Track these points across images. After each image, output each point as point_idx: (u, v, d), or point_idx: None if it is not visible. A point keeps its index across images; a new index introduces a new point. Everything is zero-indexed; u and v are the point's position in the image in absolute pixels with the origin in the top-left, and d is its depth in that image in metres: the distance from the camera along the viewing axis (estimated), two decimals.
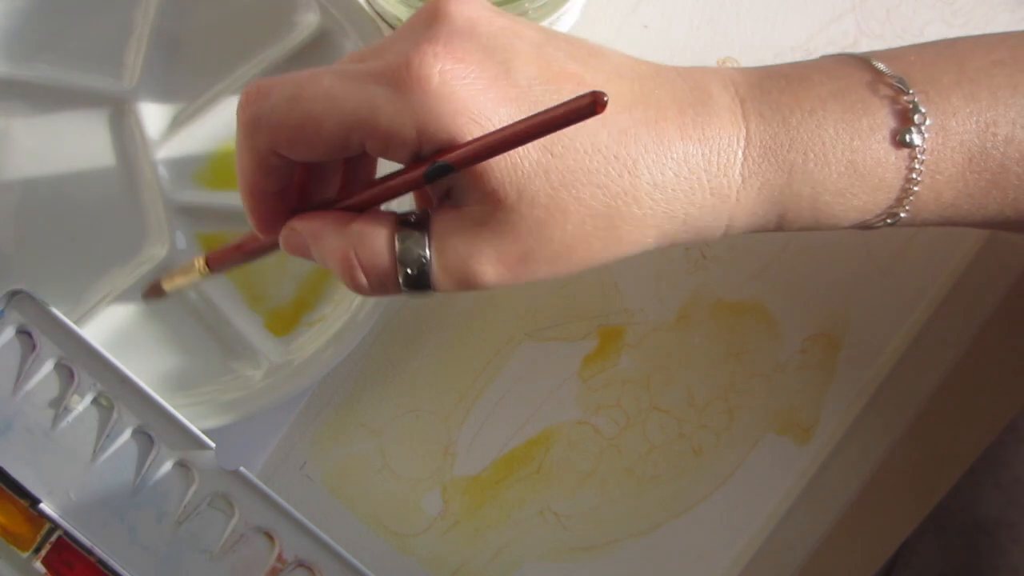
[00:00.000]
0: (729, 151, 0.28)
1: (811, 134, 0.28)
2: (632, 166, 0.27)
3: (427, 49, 0.25)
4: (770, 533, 0.42)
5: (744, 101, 0.29)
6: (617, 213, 0.27)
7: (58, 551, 0.37)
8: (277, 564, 0.37)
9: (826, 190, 0.29)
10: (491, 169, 0.26)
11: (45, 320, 0.38)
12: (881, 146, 0.29)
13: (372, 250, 0.27)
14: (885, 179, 0.29)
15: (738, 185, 0.28)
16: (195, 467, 0.38)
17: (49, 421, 0.38)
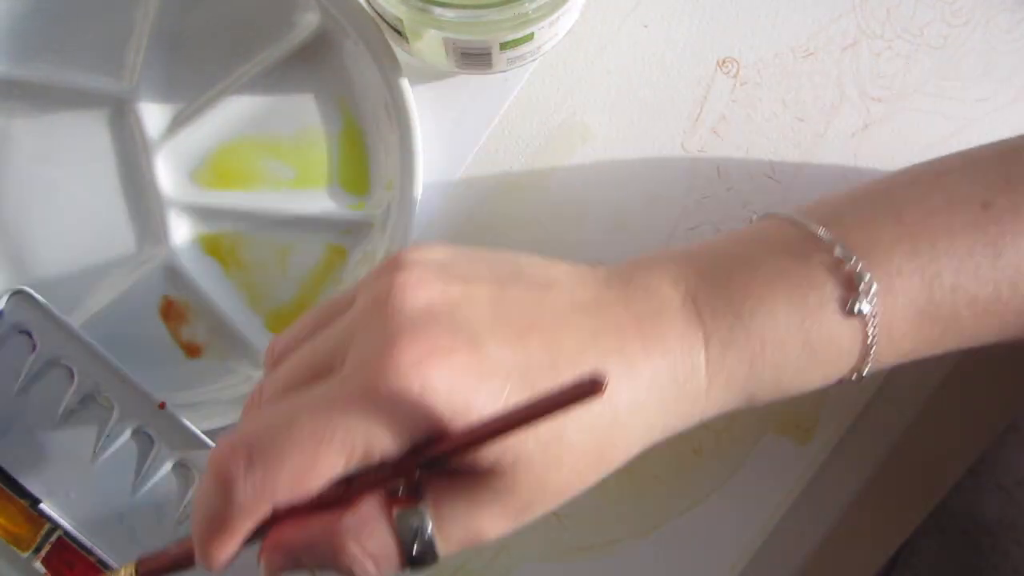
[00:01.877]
0: (692, 356, 0.29)
1: (763, 322, 0.29)
2: (610, 399, 0.27)
3: (396, 358, 0.25)
4: (770, 533, 0.42)
5: (696, 299, 0.29)
6: (604, 445, 0.28)
7: (58, 551, 0.37)
8: None
9: (786, 371, 0.30)
10: (484, 448, 0.26)
11: (45, 320, 0.38)
12: (832, 319, 0.29)
13: (377, 539, 0.27)
14: (842, 347, 0.30)
15: (705, 386, 0.29)
16: (195, 467, 0.38)
17: (49, 421, 0.38)
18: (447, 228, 0.43)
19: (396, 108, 0.40)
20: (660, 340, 0.28)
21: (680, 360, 0.29)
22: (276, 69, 0.41)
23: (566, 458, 0.27)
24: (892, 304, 0.30)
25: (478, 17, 0.35)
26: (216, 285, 0.42)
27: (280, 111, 0.42)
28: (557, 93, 0.43)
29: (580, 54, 0.43)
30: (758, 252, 0.30)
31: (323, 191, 0.42)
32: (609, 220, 0.43)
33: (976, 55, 0.42)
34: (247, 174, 0.42)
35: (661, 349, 0.28)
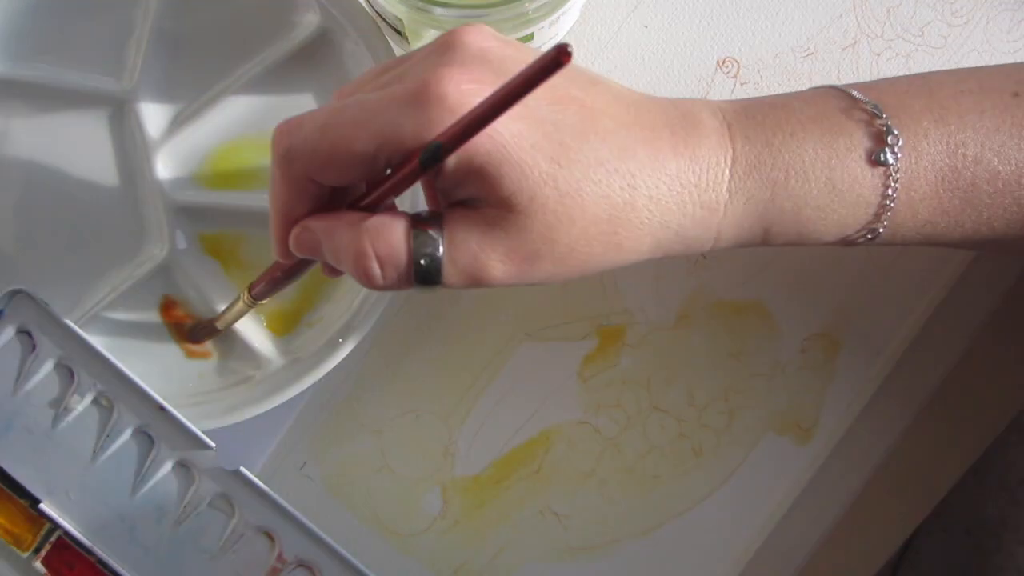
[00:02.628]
0: (717, 169, 0.30)
1: (792, 154, 0.31)
2: (631, 180, 0.29)
3: (444, 72, 0.28)
4: (770, 533, 0.42)
5: (731, 125, 0.31)
6: (618, 221, 0.29)
7: (58, 551, 0.37)
8: (277, 564, 0.37)
9: (807, 205, 0.31)
10: (505, 176, 0.28)
11: (45, 320, 0.38)
12: (857, 165, 0.31)
13: (389, 243, 0.29)
14: (863, 195, 0.31)
15: (725, 200, 0.31)
16: (195, 467, 0.38)
17: (49, 421, 0.38)
18: None
19: None
20: (690, 147, 0.30)
21: (705, 169, 0.30)
22: (276, 69, 0.41)
23: (578, 218, 0.29)
24: (915, 163, 0.31)
25: (478, 17, 0.35)
26: (216, 285, 0.42)
27: (280, 111, 0.42)
28: None
29: (580, 54, 0.43)
30: (795, 101, 0.32)
31: None
32: None
33: (976, 55, 0.42)
34: (247, 174, 0.42)
35: (689, 154, 0.30)
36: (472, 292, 0.43)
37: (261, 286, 0.37)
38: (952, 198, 0.32)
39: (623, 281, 0.43)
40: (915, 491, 0.43)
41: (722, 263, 0.43)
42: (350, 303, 0.41)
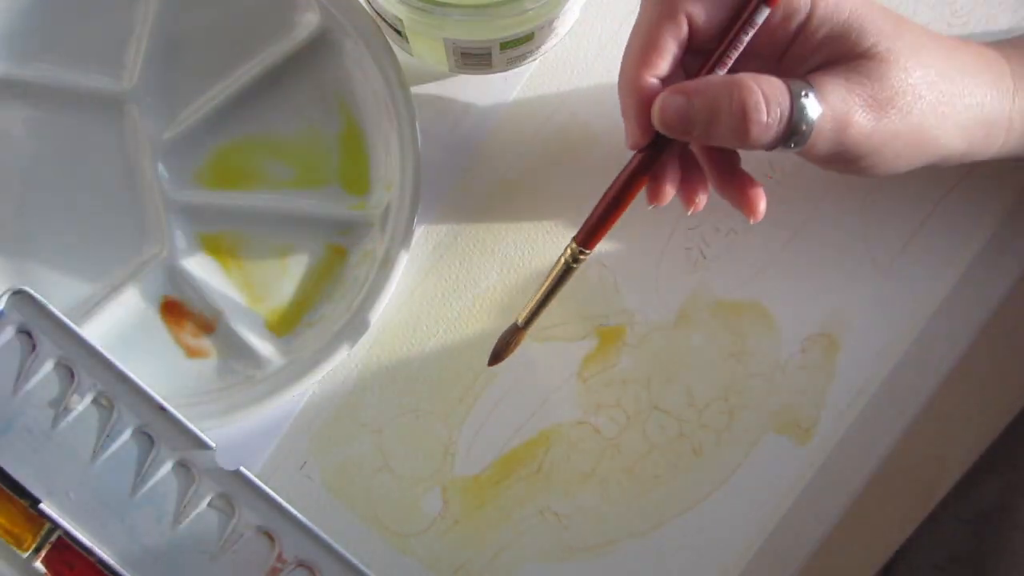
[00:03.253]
0: (999, 63, 0.35)
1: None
2: (948, 54, 0.34)
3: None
4: (770, 533, 0.42)
5: (1009, 59, 0.36)
6: (944, 86, 0.33)
7: (58, 551, 0.37)
8: (277, 564, 0.37)
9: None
10: (867, 30, 0.32)
11: (45, 320, 0.38)
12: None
13: (771, 82, 0.32)
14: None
15: (1012, 87, 0.35)
16: (195, 467, 0.38)
17: (49, 421, 0.38)
18: (447, 228, 0.43)
19: (396, 108, 0.40)
20: (972, 46, 0.36)
21: (991, 60, 0.35)
22: (276, 69, 0.41)
23: (919, 69, 0.33)
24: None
25: (478, 17, 0.35)
26: (216, 285, 0.42)
27: (280, 111, 0.42)
28: (557, 93, 0.43)
29: (580, 54, 0.43)
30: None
31: (323, 191, 0.42)
32: None
33: None
34: (247, 174, 0.42)
35: (976, 50, 0.35)
36: (471, 292, 0.43)
37: (588, 228, 0.35)
38: None
39: (623, 281, 0.43)
40: (915, 491, 0.43)
41: (722, 263, 0.43)
42: (350, 303, 0.41)
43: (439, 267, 0.43)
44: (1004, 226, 0.43)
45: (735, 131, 0.32)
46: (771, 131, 0.32)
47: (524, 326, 0.38)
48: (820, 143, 0.32)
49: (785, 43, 0.33)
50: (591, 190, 0.43)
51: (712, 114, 0.32)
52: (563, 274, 0.36)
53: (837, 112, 0.32)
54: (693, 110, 0.32)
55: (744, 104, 0.31)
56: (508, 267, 0.43)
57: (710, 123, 0.32)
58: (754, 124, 0.31)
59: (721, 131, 0.32)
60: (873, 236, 0.43)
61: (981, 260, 0.42)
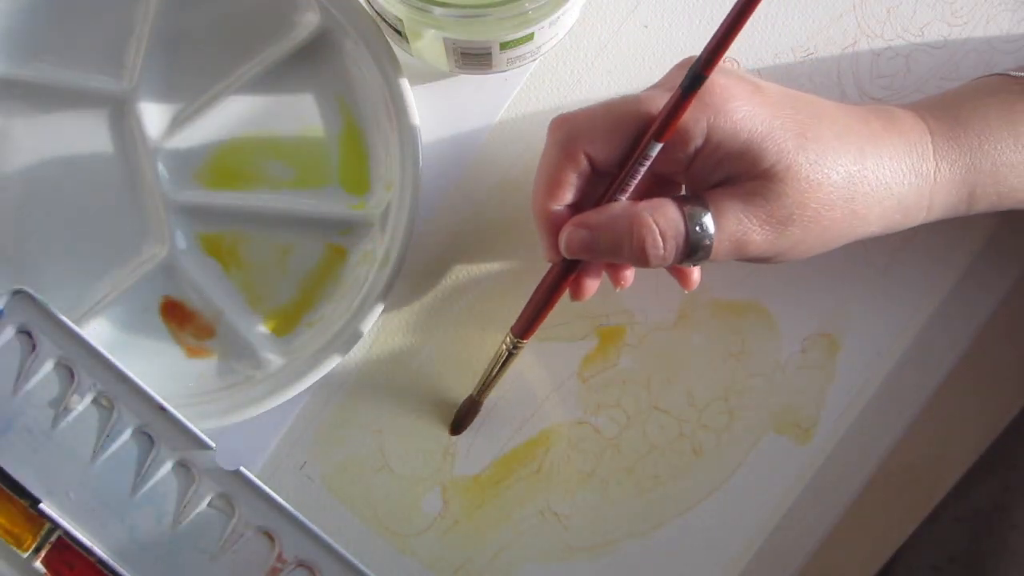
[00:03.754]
0: (922, 142, 0.35)
1: (980, 122, 0.35)
2: (859, 153, 0.34)
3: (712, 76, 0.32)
4: (770, 533, 0.42)
5: (918, 110, 0.36)
6: (852, 187, 0.34)
7: (58, 551, 0.37)
8: (277, 564, 0.37)
9: (1003, 163, 0.35)
10: (766, 150, 0.33)
11: (45, 320, 0.38)
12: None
13: (667, 215, 0.33)
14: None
15: (933, 168, 0.35)
16: (195, 467, 0.38)
17: (49, 421, 0.38)
18: (447, 228, 0.43)
19: (396, 108, 0.40)
20: (895, 128, 0.35)
21: (912, 143, 0.35)
22: (276, 69, 0.41)
23: (824, 183, 0.33)
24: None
25: (478, 17, 0.35)
26: (216, 285, 0.42)
27: (280, 111, 0.42)
28: (557, 93, 0.43)
29: (580, 54, 0.43)
30: (964, 87, 0.38)
31: (323, 191, 0.42)
32: None
33: (976, 55, 0.42)
34: (247, 174, 0.42)
35: (897, 131, 0.35)
36: (471, 292, 0.43)
37: (523, 322, 0.38)
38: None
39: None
40: (915, 491, 0.43)
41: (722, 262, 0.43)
42: (350, 303, 0.41)
43: (439, 267, 0.43)
44: (1004, 226, 0.43)
45: (637, 260, 0.34)
46: (669, 259, 0.34)
47: (479, 397, 0.41)
48: (722, 257, 0.34)
49: (686, 162, 0.34)
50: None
51: (615, 246, 0.34)
52: (505, 360, 0.39)
53: (733, 234, 0.33)
54: (597, 242, 0.34)
55: (642, 240, 0.33)
56: (508, 267, 0.43)
57: (613, 253, 0.34)
58: (653, 257, 0.33)
59: (624, 259, 0.34)
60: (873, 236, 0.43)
61: (981, 260, 0.42)
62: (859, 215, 0.34)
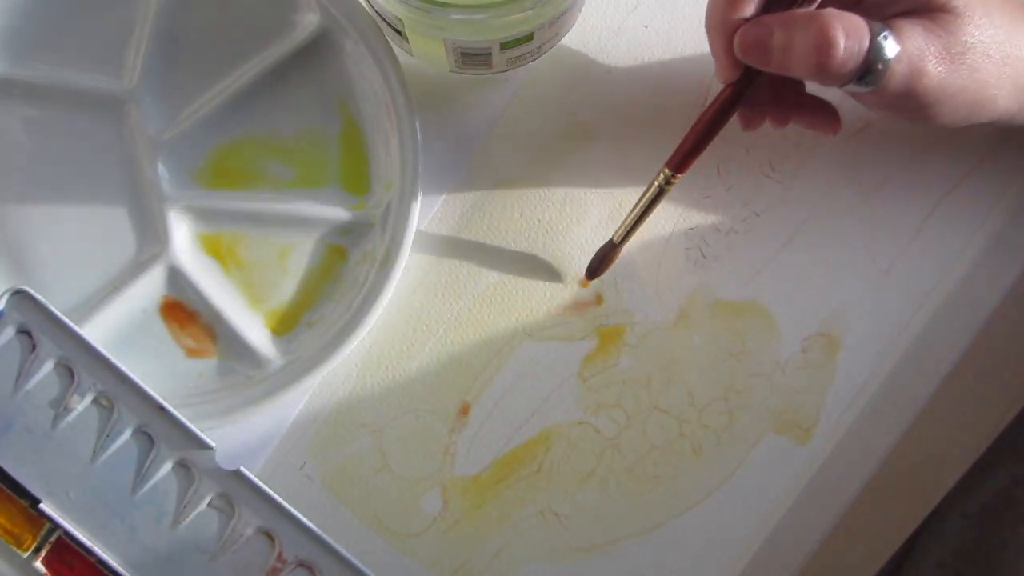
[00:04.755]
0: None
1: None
2: (1016, 21, 0.35)
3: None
4: (770, 533, 0.42)
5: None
6: (1009, 50, 0.34)
7: (58, 551, 0.37)
8: (277, 564, 0.37)
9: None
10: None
11: (45, 320, 0.38)
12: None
13: (851, 19, 0.33)
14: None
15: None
16: (195, 467, 0.38)
17: (49, 421, 0.38)
18: (447, 228, 0.43)
19: (396, 108, 0.40)
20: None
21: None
22: (276, 69, 0.41)
23: (990, 34, 0.34)
24: None
25: (478, 17, 0.35)
26: (216, 285, 0.42)
27: (280, 111, 0.42)
28: (557, 93, 0.43)
29: (580, 54, 0.43)
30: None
31: (323, 191, 0.42)
32: (609, 220, 0.43)
33: None
34: (247, 174, 0.42)
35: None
36: (471, 292, 0.43)
37: (680, 153, 0.37)
38: None
39: (623, 281, 0.43)
40: (915, 491, 0.43)
41: (722, 263, 0.43)
42: (350, 303, 0.41)
43: (439, 267, 0.43)
44: (1004, 226, 0.43)
45: (813, 62, 0.33)
46: (847, 64, 0.33)
47: (619, 243, 0.40)
48: (892, 85, 0.33)
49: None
50: (591, 190, 0.43)
51: (791, 46, 0.33)
52: (655, 197, 0.38)
53: (912, 57, 0.33)
54: (772, 39, 0.33)
55: (823, 34, 0.32)
56: (508, 267, 0.43)
57: (787, 53, 0.33)
58: (831, 59, 0.32)
59: (798, 62, 0.33)
60: (873, 236, 0.43)
61: (981, 260, 0.42)
62: (1009, 78, 0.35)
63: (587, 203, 0.43)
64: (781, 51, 0.33)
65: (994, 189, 0.43)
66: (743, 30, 0.34)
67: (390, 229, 0.41)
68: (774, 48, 0.33)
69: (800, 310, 0.43)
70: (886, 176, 0.43)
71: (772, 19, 0.34)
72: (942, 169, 0.43)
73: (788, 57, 0.33)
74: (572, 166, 0.43)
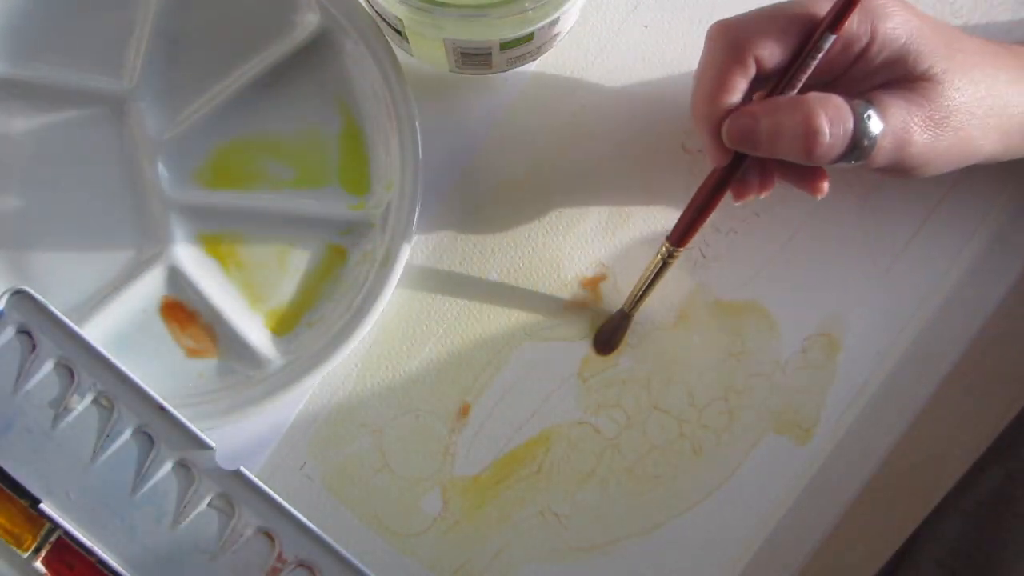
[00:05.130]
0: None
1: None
2: (995, 71, 0.36)
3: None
4: (770, 533, 0.42)
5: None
6: (992, 103, 0.35)
7: (58, 551, 0.37)
8: (277, 564, 0.37)
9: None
10: (923, 53, 0.34)
11: (45, 320, 0.38)
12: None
13: (834, 104, 0.33)
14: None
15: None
16: (195, 467, 0.38)
17: (49, 421, 0.38)
18: (447, 228, 0.43)
19: (396, 108, 0.40)
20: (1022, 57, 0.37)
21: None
22: (276, 69, 0.41)
23: (970, 89, 0.35)
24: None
25: (478, 17, 0.35)
26: (216, 285, 0.42)
27: (280, 111, 0.42)
28: (557, 93, 0.43)
29: (580, 54, 0.43)
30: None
31: (323, 191, 0.42)
32: (609, 220, 0.43)
33: None
34: (247, 174, 0.42)
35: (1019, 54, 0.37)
36: (471, 292, 0.43)
37: (680, 228, 0.39)
38: None
39: (623, 281, 0.43)
40: (915, 491, 0.43)
41: (722, 263, 0.43)
42: (350, 303, 0.41)
43: (439, 267, 0.43)
44: (1004, 226, 0.43)
45: (800, 148, 0.34)
46: (834, 149, 0.34)
47: (630, 312, 0.41)
48: (880, 158, 0.34)
49: (844, 67, 0.35)
50: (591, 190, 0.43)
51: (777, 134, 0.34)
52: (660, 268, 0.40)
53: (897, 130, 0.34)
54: (759, 129, 0.34)
55: (809, 124, 0.33)
56: (508, 267, 0.43)
57: (775, 141, 0.34)
58: (818, 145, 0.33)
59: (786, 148, 0.34)
60: (873, 236, 0.43)
61: (981, 260, 0.42)
62: (994, 127, 0.35)
63: (587, 203, 0.43)
64: (769, 138, 0.34)
65: (994, 189, 0.43)
66: (730, 120, 0.35)
67: (390, 229, 0.41)
68: (762, 136, 0.34)
69: (800, 310, 0.43)
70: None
71: (757, 108, 0.35)
72: None
73: (776, 143, 0.34)
74: (572, 166, 0.43)
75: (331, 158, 0.42)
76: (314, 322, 0.42)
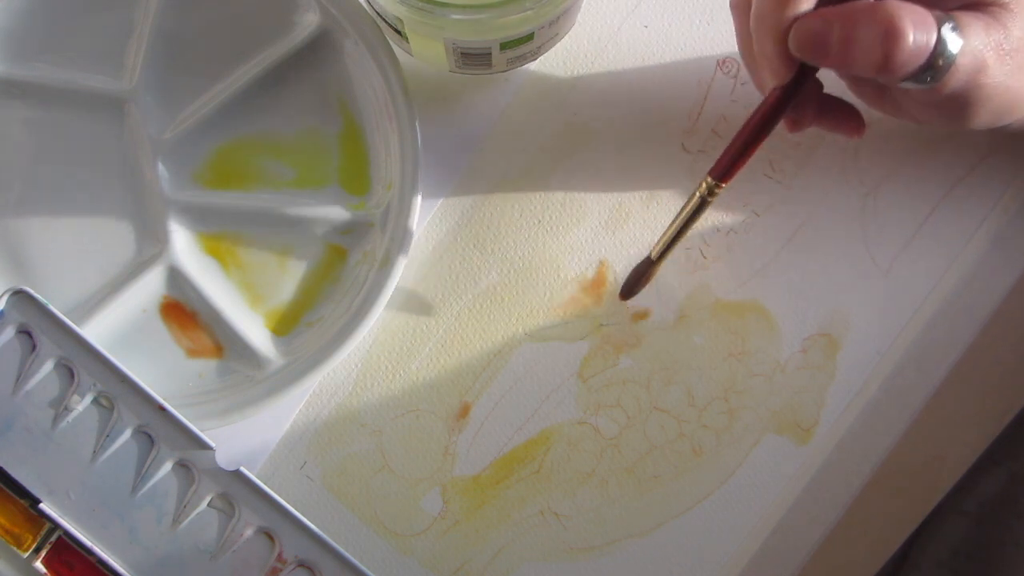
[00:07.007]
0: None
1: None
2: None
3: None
4: (770, 533, 0.42)
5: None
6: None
7: (58, 551, 0.37)
8: (277, 564, 0.37)
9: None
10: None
11: (45, 320, 0.38)
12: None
13: (919, 12, 0.30)
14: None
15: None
16: (195, 467, 0.38)
17: (49, 421, 0.38)
18: (447, 228, 0.43)
19: (396, 108, 0.40)
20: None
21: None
22: (276, 69, 0.41)
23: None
24: None
25: (478, 17, 0.35)
26: (216, 285, 0.42)
27: (280, 111, 0.42)
28: (557, 93, 0.43)
29: (580, 54, 0.43)
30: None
31: (323, 191, 0.42)
32: (609, 220, 0.43)
33: None
34: (247, 174, 0.42)
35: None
36: (471, 292, 0.43)
37: (725, 161, 0.35)
38: None
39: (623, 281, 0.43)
40: (915, 491, 0.43)
41: (722, 263, 0.43)
42: (350, 303, 0.41)
43: (439, 267, 0.43)
44: (1004, 226, 0.43)
45: (878, 55, 0.31)
46: (916, 59, 0.31)
47: (657, 260, 0.38)
48: (953, 80, 0.32)
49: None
50: (591, 190, 0.43)
51: (852, 40, 0.31)
52: (697, 208, 0.36)
53: (976, 50, 0.31)
54: (832, 34, 0.31)
55: (891, 26, 0.30)
56: (508, 267, 0.43)
57: (848, 47, 0.31)
58: (897, 51, 0.30)
59: (861, 56, 0.31)
60: (873, 236, 0.43)
61: (981, 260, 0.42)
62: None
63: (587, 203, 0.43)
64: (841, 45, 0.31)
65: (994, 189, 0.43)
66: (799, 23, 0.32)
67: (390, 229, 0.41)
68: (833, 42, 0.31)
69: (800, 310, 0.43)
70: (886, 176, 0.43)
71: (830, 12, 0.31)
72: (942, 169, 0.43)
73: (849, 51, 0.31)
74: (572, 166, 0.43)
75: (331, 158, 0.42)
76: (314, 322, 0.42)
